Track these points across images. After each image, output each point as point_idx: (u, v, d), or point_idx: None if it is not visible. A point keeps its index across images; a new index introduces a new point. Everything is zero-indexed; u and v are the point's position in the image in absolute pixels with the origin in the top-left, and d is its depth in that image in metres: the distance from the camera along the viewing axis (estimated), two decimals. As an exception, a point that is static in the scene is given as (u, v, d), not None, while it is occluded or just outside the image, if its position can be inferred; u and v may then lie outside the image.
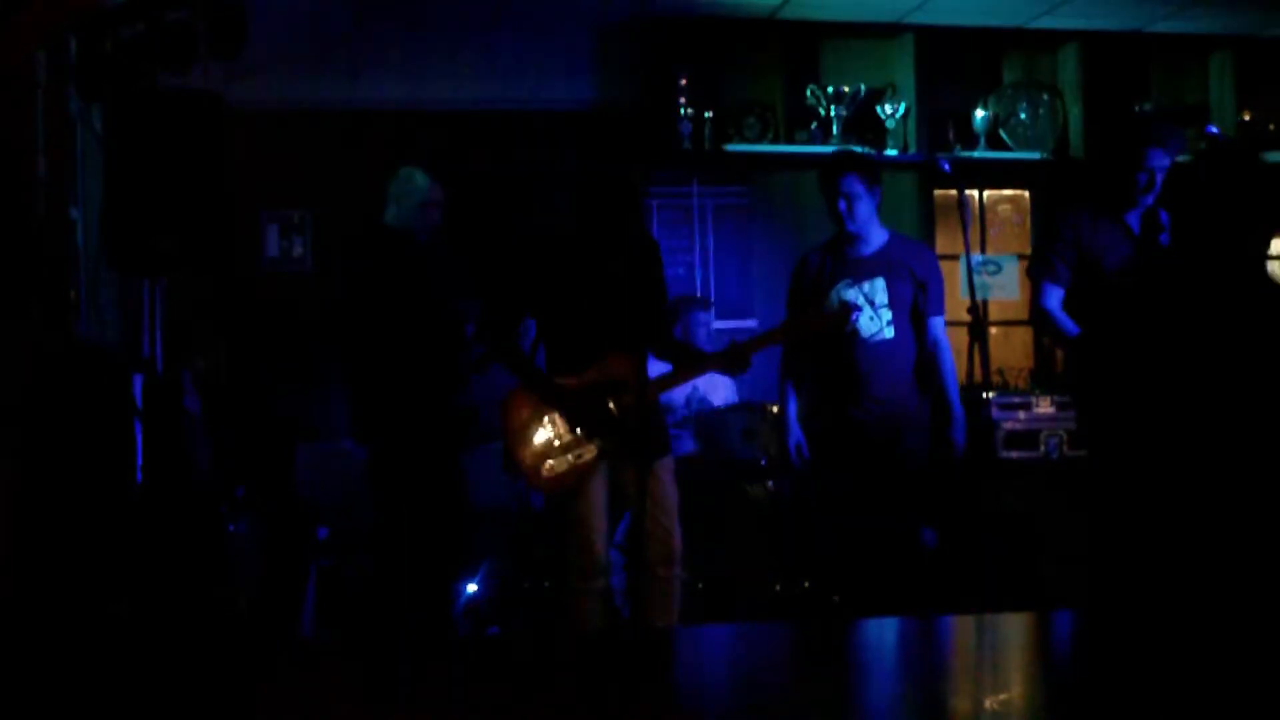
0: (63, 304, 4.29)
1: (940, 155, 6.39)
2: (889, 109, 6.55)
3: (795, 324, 4.33)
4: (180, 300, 5.38)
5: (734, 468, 5.31)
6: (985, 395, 4.30)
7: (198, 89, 4.03)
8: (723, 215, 6.76)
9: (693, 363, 4.11)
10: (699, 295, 6.47)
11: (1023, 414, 5.65)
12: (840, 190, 4.42)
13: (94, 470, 4.55)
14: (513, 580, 5.21)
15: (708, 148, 6.44)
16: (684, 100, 6.41)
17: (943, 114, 6.73)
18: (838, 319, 4.32)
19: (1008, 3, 6.41)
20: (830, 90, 6.52)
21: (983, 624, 2.52)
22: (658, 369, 4.01)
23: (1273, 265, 7.15)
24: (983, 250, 6.76)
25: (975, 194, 6.96)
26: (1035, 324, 4.51)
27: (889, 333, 4.42)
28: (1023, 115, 6.80)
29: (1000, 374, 6.44)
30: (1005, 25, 6.72)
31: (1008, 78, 6.91)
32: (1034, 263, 4.36)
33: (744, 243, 6.76)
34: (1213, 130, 6.21)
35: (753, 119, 6.55)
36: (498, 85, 6.43)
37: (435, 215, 4.96)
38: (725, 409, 5.52)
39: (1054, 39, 6.85)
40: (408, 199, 4.91)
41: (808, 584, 5.24)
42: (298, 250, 6.45)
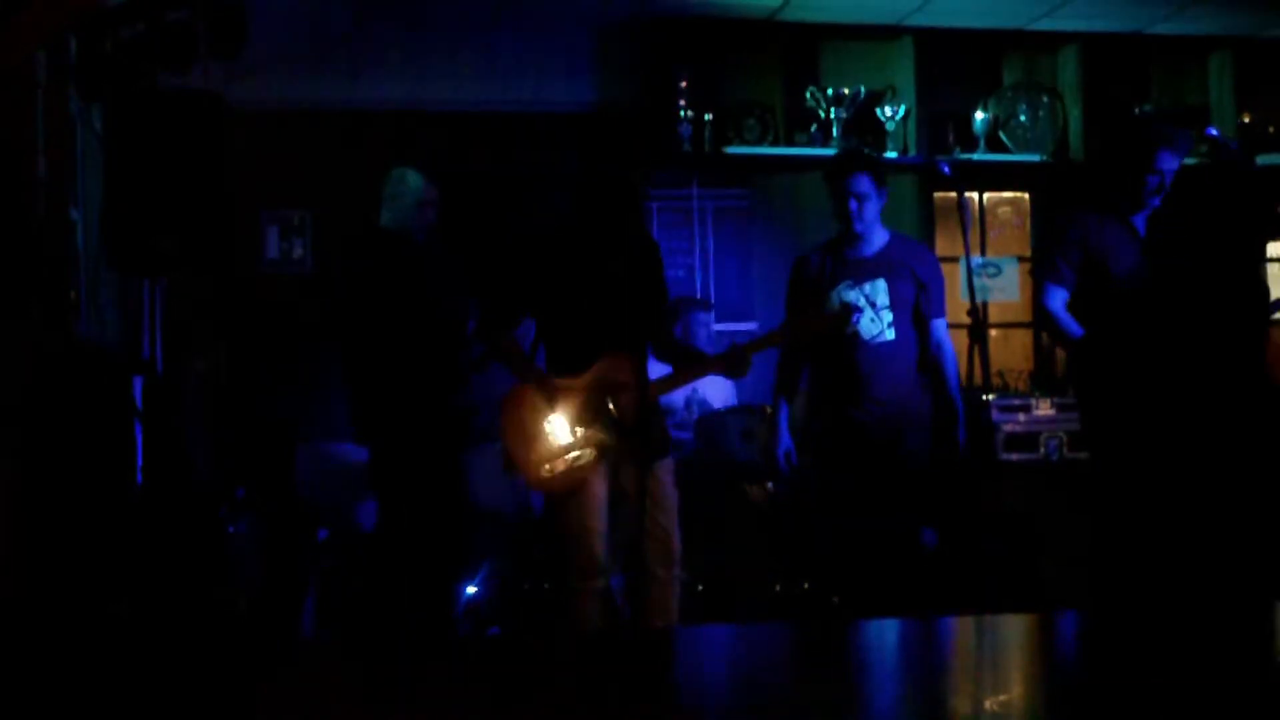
0: (63, 304, 4.29)
1: (940, 157, 6.39)
2: (889, 111, 6.55)
3: (795, 325, 4.31)
4: (180, 300, 5.39)
5: (734, 468, 5.31)
6: (985, 397, 4.30)
7: (198, 89, 4.03)
8: (722, 217, 6.76)
9: (693, 364, 4.10)
10: (699, 297, 6.48)
11: (1022, 416, 5.65)
12: (850, 190, 4.38)
13: (94, 471, 4.54)
14: (513, 581, 5.21)
15: (707, 150, 6.43)
16: (684, 102, 6.41)
17: (942, 116, 6.73)
18: (838, 320, 4.31)
19: (1008, 4, 6.41)
20: (830, 92, 6.52)
21: (983, 624, 2.52)
22: (658, 370, 4.01)
23: (1273, 268, 7.16)
24: (983, 252, 6.76)
25: (975, 196, 6.96)
26: (1039, 324, 4.49)
27: (890, 334, 4.41)
28: (1022, 117, 6.80)
29: (1000, 376, 6.45)
30: (1005, 27, 6.72)
31: (1007, 80, 6.91)
32: (1038, 263, 4.33)
33: (744, 245, 6.76)
34: (1212, 132, 6.21)
35: (752, 121, 6.55)
36: (498, 86, 6.43)
37: (430, 214, 4.96)
38: (725, 410, 5.52)
39: (1054, 41, 6.85)
40: (402, 199, 4.91)
41: (808, 584, 5.24)
42: (298, 251, 6.45)
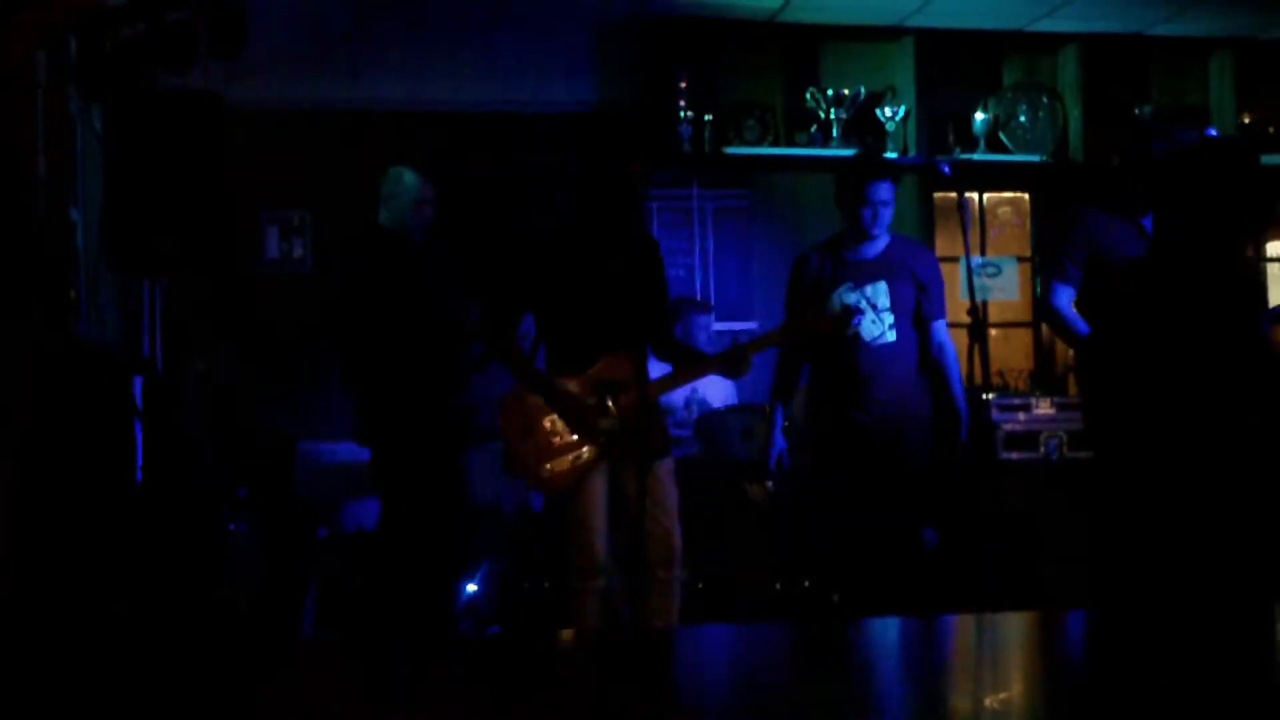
0: (63, 304, 4.29)
1: (940, 158, 6.39)
2: (889, 111, 6.55)
3: (795, 326, 4.30)
4: (180, 300, 5.39)
5: (734, 468, 5.31)
6: (985, 397, 4.30)
7: (198, 89, 4.03)
8: (723, 217, 6.76)
9: (693, 364, 4.09)
10: (699, 298, 6.48)
11: (1022, 415, 5.65)
12: (870, 197, 4.33)
13: (94, 471, 4.54)
14: (513, 580, 5.21)
15: (708, 149, 6.44)
16: (684, 102, 6.41)
17: (942, 116, 6.73)
18: (838, 321, 4.30)
19: (1008, 5, 6.41)
20: (830, 93, 6.52)
21: (983, 624, 2.52)
22: (659, 370, 4.00)
23: (1273, 268, 7.16)
24: (983, 253, 6.76)
25: (975, 196, 6.96)
26: (1045, 323, 4.46)
27: (891, 336, 4.40)
28: (1023, 118, 6.80)
29: (1000, 375, 6.45)
30: (1005, 28, 6.72)
31: (1008, 80, 6.91)
32: (1045, 262, 4.31)
33: (744, 245, 6.76)
34: (1212, 133, 6.21)
35: (752, 121, 6.55)
36: (498, 86, 6.43)
37: (428, 213, 4.96)
38: (725, 410, 5.52)
39: (1054, 41, 6.85)
40: (400, 199, 4.91)
41: (808, 584, 5.24)
42: (298, 251, 6.46)
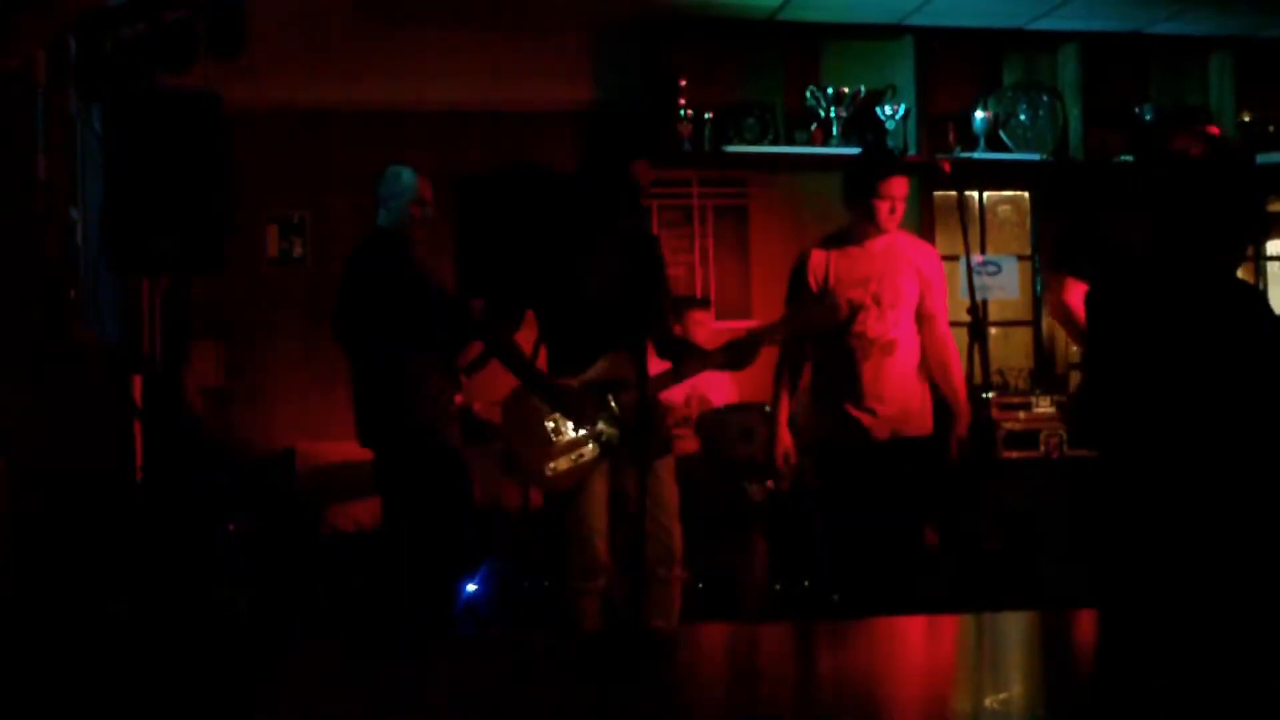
0: (63, 304, 4.29)
1: (940, 156, 6.39)
2: (889, 110, 6.55)
3: (798, 316, 4.28)
4: (180, 300, 5.39)
5: (734, 468, 5.31)
6: (985, 395, 4.29)
7: (198, 89, 4.03)
8: (722, 216, 6.76)
9: (696, 360, 4.08)
10: (696, 296, 6.47)
11: (1023, 414, 5.65)
12: (885, 193, 4.32)
13: (94, 470, 4.55)
14: (513, 580, 5.21)
15: (707, 149, 6.44)
16: (684, 101, 6.41)
17: (942, 115, 6.74)
18: (835, 312, 4.28)
19: (1007, 4, 6.41)
20: (830, 91, 6.52)
21: (983, 624, 2.52)
22: (659, 369, 3.99)
23: (1273, 267, 7.16)
24: (983, 251, 6.76)
25: (975, 195, 6.96)
26: (1057, 319, 4.39)
27: (894, 332, 4.39)
28: (1022, 116, 6.79)
29: (1000, 374, 6.45)
30: (1005, 26, 6.71)
31: (1007, 79, 6.91)
32: (1059, 259, 4.22)
33: (743, 244, 6.76)
34: (1210, 132, 6.20)
35: (752, 120, 6.55)
36: (497, 85, 6.43)
37: (426, 212, 4.96)
38: (725, 408, 5.52)
39: (1054, 40, 6.84)
40: (398, 199, 4.90)
41: (808, 584, 5.24)
42: (298, 250, 6.46)
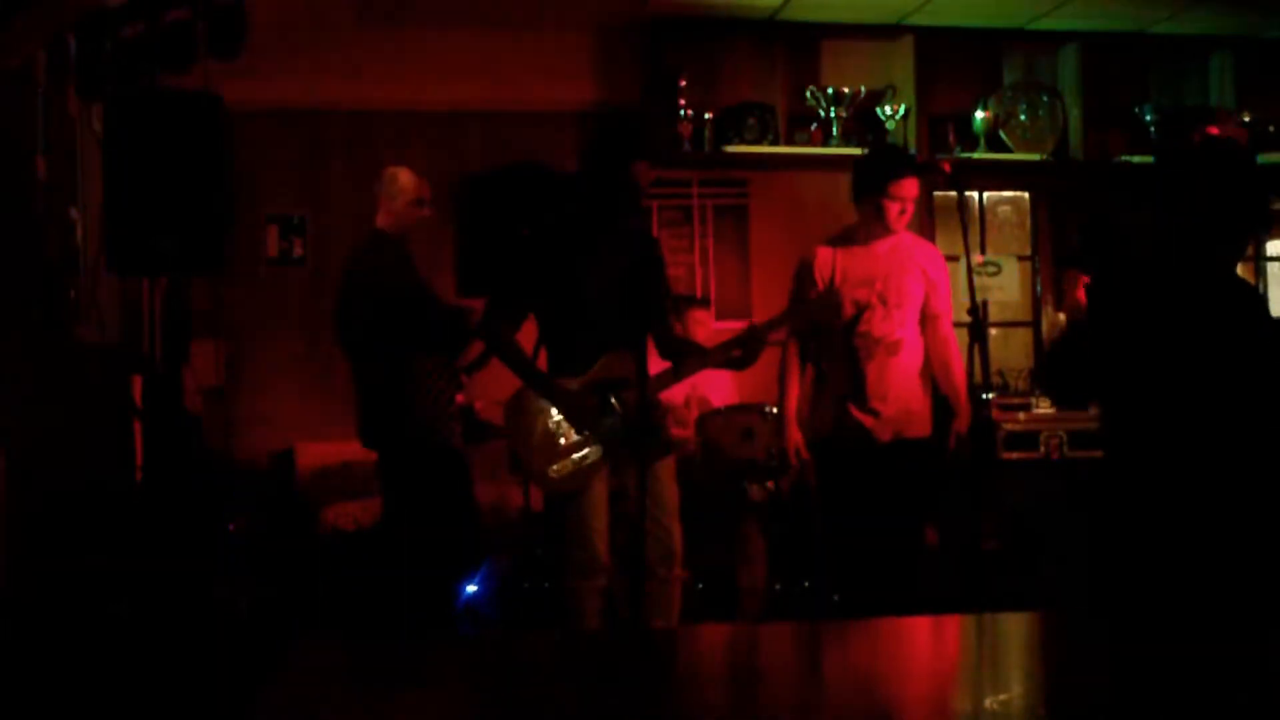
0: (63, 304, 4.29)
1: (940, 156, 6.39)
2: (889, 110, 6.56)
3: (799, 310, 4.27)
4: (180, 300, 5.39)
5: (734, 468, 5.31)
6: (985, 396, 4.29)
7: (198, 89, 4.03)
8: (722, 216, 6.76)
9: (696, 359, 4.07)
10: (695, 295, 6.47)
11: (1023, 415, 5.65)
12: (895, 194, 4.29)
13: (94, 470, 4.55)
14: (513, 579, 5.21)
15: (707, 149, 6.45)
16: (684, 102, 6.42)
17: (942, 115, 6.74)
18: (841, 308, 4.27)
19: (1007, 4, 6.42)
20: (830, 91, 6.53)
21: (983, 624, 2.51)
22: (660, 369, 3.98)
23: (1273, 267, 7.16)
24: (983, 251, 6.76)
25: (975, 196, 6.97)
26: (1069, 316, 4.38)
27: (900, 332, 4.39)
28: (1022, 116, 6.80)
29: (1000, 375, 6.45)
30: (1005, 26, 6.72)
31: (1008, 79, 6.91)
32: (1075, 256, 4.21)
33: (743, 244, 6.77)
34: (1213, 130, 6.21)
35: (752, 120, 6.55)
36: (498, 85, 6.44)
37: (425, 213, 4.97)
38: (725, 409, 5.51)
39: (1054, 40, 6.85)
40: (396, 199, 4.91)
41: (808, 584, 5.24)
42: (298, 250, 6.46)
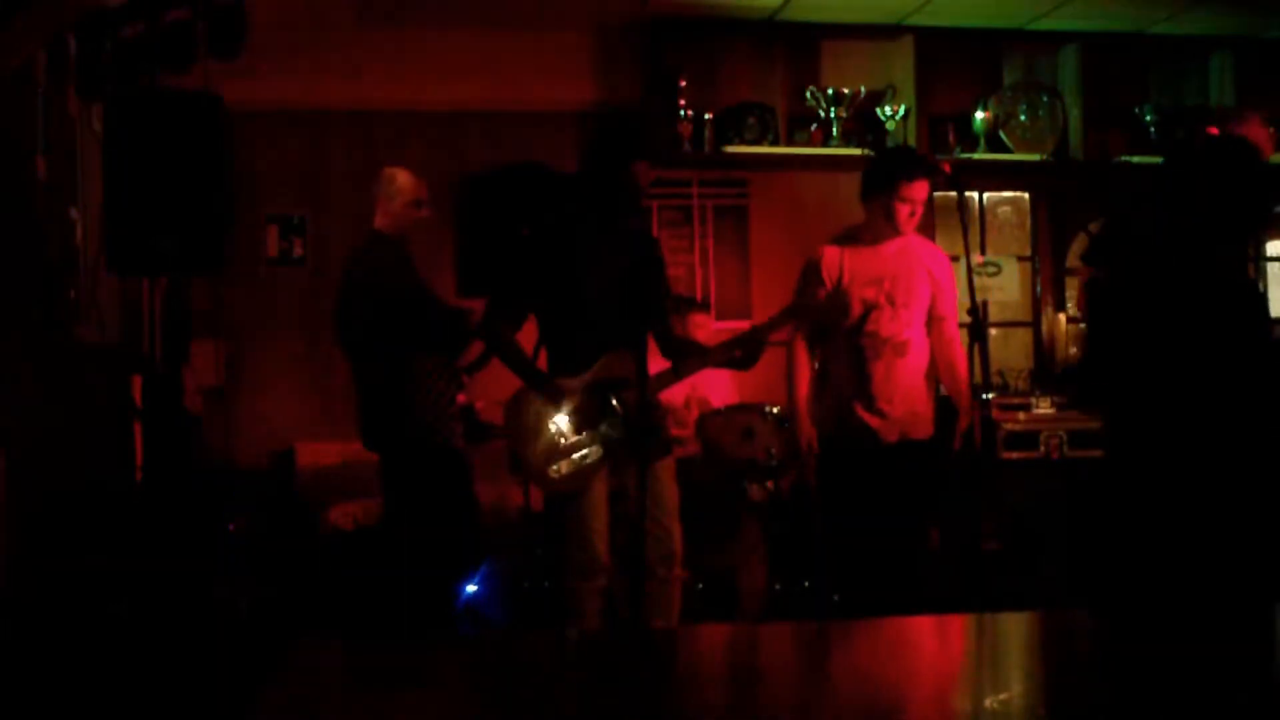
0: (63, 304, 4.29)
1: (940, 157, 6.38)
2: (889, 110, 6.55)
3: (801, 308, 4.27)
4: (180, 300, 5.39)
5: (734, 468, 5.31)
6: (985, 396, 4.29)
7: (198, 89, 4.03)
8: (722, 216, 6.76)
9: (696, 358, 4.07)
10: (699, 297, 6.48)
11: (1023, 414, 5.65)
12: (905, 195, 4.29)
13: (94, 470, 4.55)
14: (513, 580, 5.21)
15: (707, 149, 6.45)
16: (684, 102, 6.42)
17: (942, 115, 6.74)
18: (847, 308, 4.27)
19: (1007, 4, 6.42)
20: (830, 92, 6.53)
21: (983, 624, 2.51)
22: (660, 368, 3.98)
23: (1274, 267, 7.16)
24: (983, 251, 6.76)
25: (975, 196, 6.96)
26: (1081, 311, 4.34)
27: (907, 332, 4.39)
28: (1022, 117, 6.79)
29: (1000, 375, 6.45)
30: (1005, 26, 6.72)
31: (1008, 79, 6.91)
32: (1088, 253, 4.17)
33: (743, 244, 6.76)
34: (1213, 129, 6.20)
35: (752, 121, 6.55)
36: (498, 85, 6.43)
37: (423, 213, 4.97)
38: (725, 409, 5.51)
39: (1054, 40, 6.85)
40: (394, 200, 4.91)
41: (808, 584, 5.24)
42: (298, 250, 6.46)
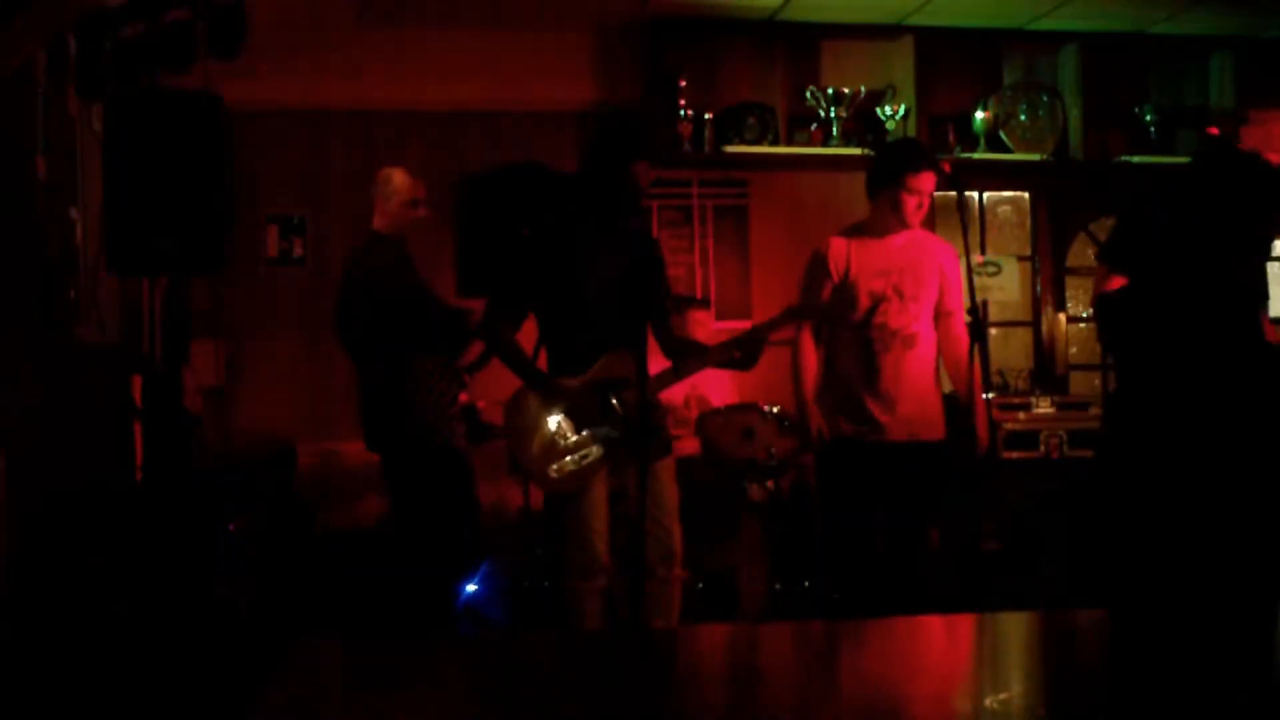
0: (63, 304, 4.29)
1: (940, 157, 6.38)
2: (889, 110, 6.55)
3: (803, 307, 4.26)
4: (180, 300, 5.39)
5: (734, 467, 5.31)
6: (986, 396, 4.29)
7: (198, 89, 4.03)
8: (722, 216, 6.76)
9: (696, 358, 4.07)
10: (694, 296, 6.47)
11: (1023, 414, 5.65)
12: (912, 187, 4.29)
13: (94, 470, 4.55)
14: (513, 580, 5.21)
15: (707, 149, 6.45)
16: (684, 101, 6.42)
17: (942, 115, 6.74)
18: (854, 304, 4.26)
19: (1007, 4, 6.42)
20: (830, 91, 6.53)
21: (983, 624, 2.52)
22: (661, 368, 3.98)
23: (1274, 267, 7.16)
24: (983, 251, 6.77)
25: (975, 195, 6.97)
26: (1094, 309, 4.27)
27: (915, 325, 4.38)
28: (1022, 116, 6.80)
29: (1000, 374, 6.45)
30: (1005, 26, 6.72)
31: (1007, 79, 6.91)
32: (1105, 251, 4.09)
33: (743, 244, 6.76)
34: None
35: (752, 120, 6.55)
36: (498, 85, 6.43)
37: (420, 213, 4.97)
38: (725, 408, 5.51)
39: (1054, 40, 6.85)
40: (391, 200, 4.91)
41: (808, 584, 5.24)
42: (298, 250, 6.46)
